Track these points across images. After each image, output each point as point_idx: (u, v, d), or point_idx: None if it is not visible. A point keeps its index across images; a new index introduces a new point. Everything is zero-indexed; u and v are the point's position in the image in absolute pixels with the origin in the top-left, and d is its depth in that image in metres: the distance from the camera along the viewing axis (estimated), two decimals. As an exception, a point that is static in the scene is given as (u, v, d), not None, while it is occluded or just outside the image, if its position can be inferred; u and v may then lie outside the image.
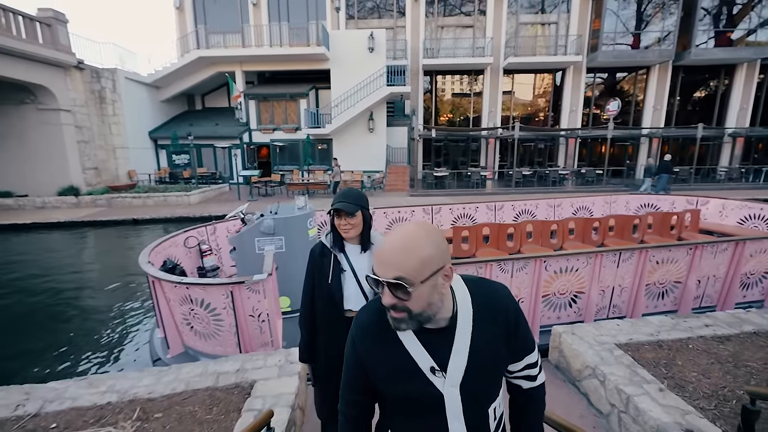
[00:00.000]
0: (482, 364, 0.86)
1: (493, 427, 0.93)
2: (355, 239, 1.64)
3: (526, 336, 0.93)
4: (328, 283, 1.62)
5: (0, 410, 2.09)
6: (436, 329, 0.86)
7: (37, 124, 13.20)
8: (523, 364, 0.95)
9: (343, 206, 1.54)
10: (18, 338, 4.79)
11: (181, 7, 18.11)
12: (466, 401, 0.86)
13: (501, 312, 0.88)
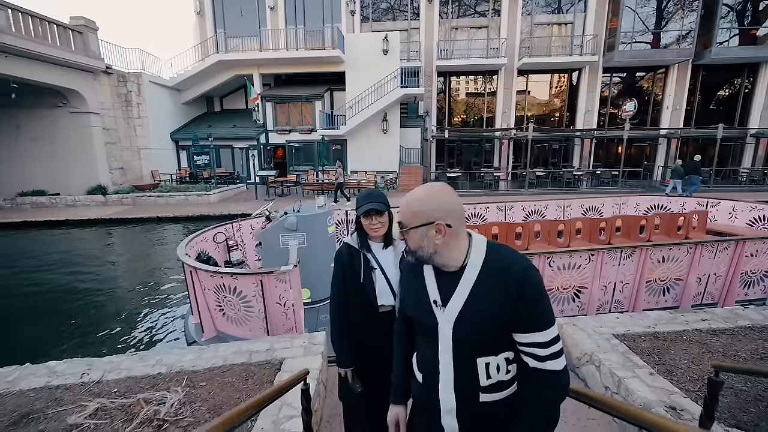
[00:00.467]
0: (477, 312, 1.00)
1: (484, 383, 1.03)
2: (380, 237, 1.71)
3: (534, 311, 0.98)
4: (360, 282, 1.67)
5: (69, 378, 2.44)
6: (448, 272, 1.06)
7: (68, 127, 13.94)
8: (530, 340, 0.99)
9: (376, 206, 1.62)
10: (68, 321, 5.34)
11: (201, 13, 18.74)
12: (457, 340, 1.03)
13: (509, 276, 0.98)
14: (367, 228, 1.67)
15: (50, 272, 7.57)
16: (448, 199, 1.04)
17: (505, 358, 1.04)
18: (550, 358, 0.98)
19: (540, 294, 0.98)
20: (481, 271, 1.02)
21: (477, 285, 1.02)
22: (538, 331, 0.98)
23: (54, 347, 4.61)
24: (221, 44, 17.38)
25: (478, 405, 1.05)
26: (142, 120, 15.87)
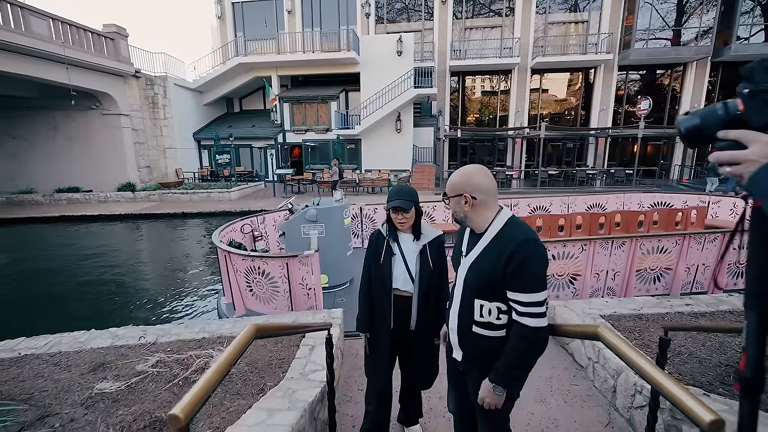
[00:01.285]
0: (478, 266, 1.35)
1: (477, 318, 1.37)
2: (409, 229, 1.89)
3: (517, 275, 1.24)
4: (379, 263, 1.88)
5: (129, 340, 2.92)
6: (477, 234, 1.41)
7: (100, 127, 14.83)
8: (513, 297, 1.27)
9: (400, 203, 1.78)
10: (114, 300, 6.11)
11: (222, 17, 19.49)
12: (466, 281, 1.40)
13: (507, 244, 1.27)
14: (395, 221, 1.85)
15: (93, 260, 8.27)
16: (477, 178, 1.37)
17: (497, 307, 1.33)
18: (525, 315, 1.24)
19: (525, 264, 1.22)
20: (494, 237, 1.33)
21: (488, 246, 1.34)
22: (519, 293, 1.24)
23: (109, 321, 5.27)
24: (241, 47, 18.06)
25: (471, 334, 1.40)
26: (168, 121, 16.68)
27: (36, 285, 7.02)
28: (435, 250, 1.89)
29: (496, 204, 1.38)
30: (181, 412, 0.76)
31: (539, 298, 1.24)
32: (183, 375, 2.35)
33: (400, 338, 1.95)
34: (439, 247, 1.91)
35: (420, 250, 1.87)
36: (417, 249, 1.87)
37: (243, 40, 18.17)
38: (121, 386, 2.23)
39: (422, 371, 2.01)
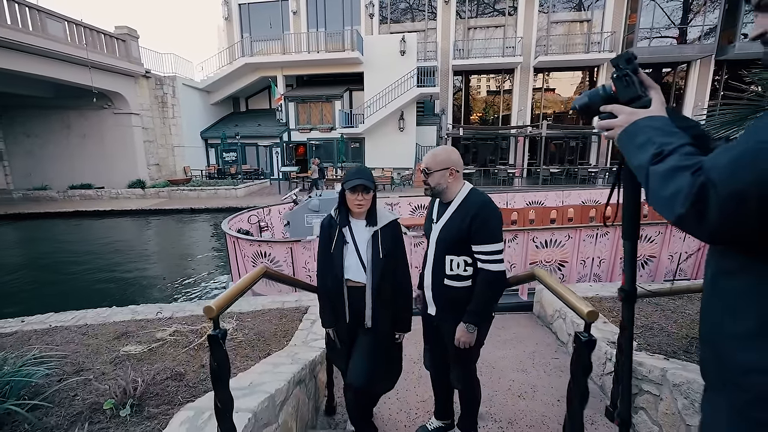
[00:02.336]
0: (449, 227, 1.64)
1: (448, 272, 1.65)
2: (363, 214, 1.76)
3: (481, 230, 1.56)
4: (330, 252, 1.76)
5: (147, 314, 3.20)
6: (444, 203, 1.70)
7: (112, 126, 15.26)
8: (477, 249, 1.59)
9: (365, 182, 1.67)
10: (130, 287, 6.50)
11: (229, 18, 19.87)
12: (437, 243, 1.68)
13: (471, 207, 1.60)
14: (351, 203, 1.71)
15: (108, 251, 8.64)
16: (455, 155, 1.69)
17: (464, 260, 1.64)
18: (488, 263, 1.57)
19: (487, 221, 1.57)
20: (460, 204, 1.65)
21: (455, 211, 1.65)
22: (482, 245, 1.57)
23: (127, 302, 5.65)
24: (247, 48, 18.41)
25: (443, 287, 1.68)
26: (176, 120, 17.08)
27: (57, 273, 7.39)
28: (389, 235, 1.77)
29: (462, 178, 1.73)
30: (214, 305, 1.03)
31: (498, 248, 1.57)
32: (197, 341, 2.62)
33: (357, 334, 1.84)
34: (395, 232, 1.80)
35: (372, 236, 1.75)
36: (368, 235, 1.75)
37: (249, 40, 18.51)
38: (144, 349, 2.51)
39: (381, 372, 1.83)
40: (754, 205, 0.56)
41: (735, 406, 0.68)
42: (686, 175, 0.63)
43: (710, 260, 0.77)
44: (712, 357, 0.75)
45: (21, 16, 10.71)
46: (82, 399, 1.86)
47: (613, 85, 0.88)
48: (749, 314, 0.66)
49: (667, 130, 0.75)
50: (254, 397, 1.47)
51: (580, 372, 1.03)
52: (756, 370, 0.65)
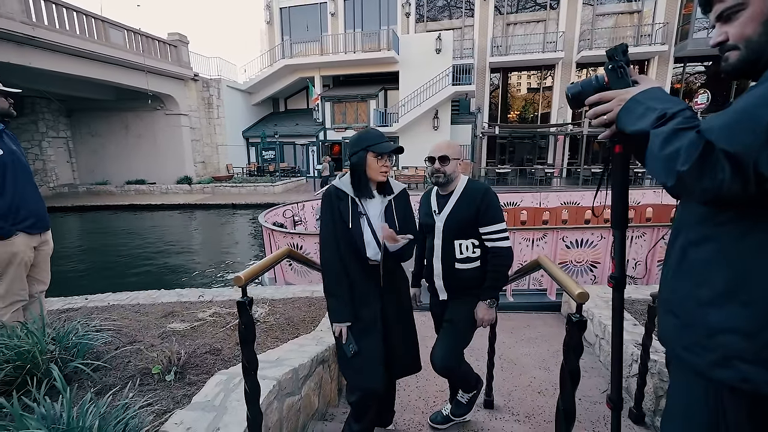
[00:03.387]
0: (456, 214, 1.73)
1: (458, 256, 1.74)
2: (382, 182, 1.62)
3: (489, 212, 1.69)
4: (349, 229, 1.54)
5: (191, 297, 3.50)
6: (444, 194, 1.79)
7: (164, 126, 16.46)
8: (487, 230, 1.71)
9: (399, 146, 1.60)
10: (178, 272, 7.07)
11: (270, 22, 20.69)
12: (444, 231, 1.76)
13: (477, 193, 1.72)
14: (376, 171, 1.54)
15: (159, 240, 9.39)
16: (460, 148, 1.86)
17: (471, 242, 1.74)
18: (498, 240, 1.71)
19: (492, 204, 1.70)
20: (462, 192, 1.76)
21: (459, 199, 1.75)
22: (491, 225, 1.70)
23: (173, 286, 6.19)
24: (287, 50, 19.09)
25: (454, 270, 1.76)
26: (221, 120, 18.09)
27: (114, 258, 8.17)
28: (402, 206, 1.66)
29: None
30: (243, 275, 1.19)
31: (503, 226, 1.72)
32: (234, 322, 2.85)
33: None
34: (406, 202, 1.69)
35: (385, 207, 1.61)
36: (381, 207, 1.60)
37: (289, 42, 19.18)
38: (187, 327, 2.76)
39: (404, 349, 1.69)
40: (752, 166, 0.61)
41: (697, 369, 0.75)
42: (690, 134, 0.66)
43: (678, 235, 0.83)
44: (678, 325, 0.80)
45: (88, 26, 11.85)
46: (134, 364, 2.11)
47: (606, 75, 0.91)
48: (717, 279, 0.72)
49: (666, 97, 0.78)
50: (280, 369, 1.62)
51: (572, 352, 1.06)
52: (722, 330, 0.71)
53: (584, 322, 1.04)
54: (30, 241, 2.13)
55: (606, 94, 0.88)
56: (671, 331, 0.83)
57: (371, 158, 1.53)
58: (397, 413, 2.20)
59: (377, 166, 1.54)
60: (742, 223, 0.70)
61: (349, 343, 1.56)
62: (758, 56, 0.75)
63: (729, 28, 0.78)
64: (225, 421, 1.31)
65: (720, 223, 0.73)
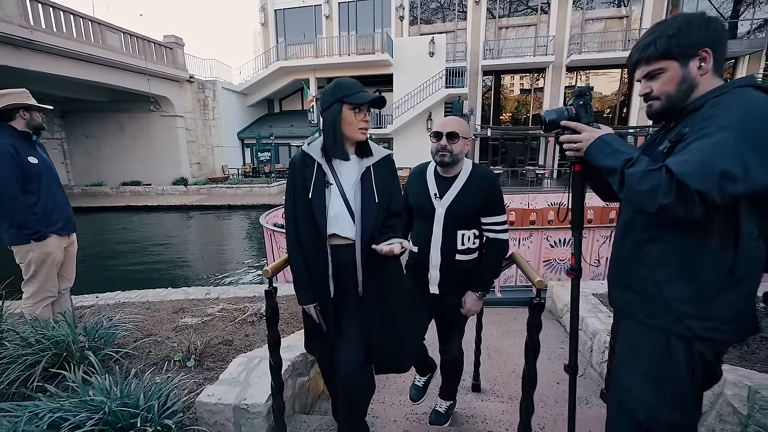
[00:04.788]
0: (461, 202, 1.60)
1: (460, 247, 1.64)
2: (351, 146, 1.41)
3: (496, 203, 1.62)
4: (308, 198, 1.33)
5: (198, 295, 3.70)
6: (446, 177, 1.64)
7: (159, 128, 16.52)
8: (491, 221, 1.63)
9: (375, 96, 1.36)
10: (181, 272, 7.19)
11: (265, 24, 20.82)
12: (446, 219, 1.62)
13: (485, 181, 1.61)
14: (354, 126, 1.34)
15: (158, 242, 9.53)
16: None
17: (473, 233, 1.66)
18: (501, 232, 1.65)
19: (499, 194, 1.65)
20: (468, 177, 1.64)
21: (466, 183, 1.63)
22: (496, 216, 1.64)
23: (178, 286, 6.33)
24: (282, 52, 19.23)
25: (454, 262, 1.66)
26: (216, 121, 18.19)
27: (114, 259, 8.29)
28: (384, 174, 1.44)
29: None
30: (270, 269, 1.42)
31: (505, 218, 1.69)
32: (241, 317, 3.07)
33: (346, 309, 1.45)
34: (391, 171, 1.49)
35: (363, 174, 1.38)
36: (358, 173, 1.38)
37: (284, 45, 19.33)
38: (198, 321, 2.98)
39: (385, 351, 1.47)
40: (711, 200, 0.86)
41: (662, 327, 1.04)
42: (661, 174, 0.90)
43: (628, 233, 1.13)
44: (639, 299, 1.09)
45: (85, 29, 11.92)
46: (155, 353, 2.32)
47: (575, 109, 1.15)
48: (669, 266, 1.02)
49: (625, 143, 1.05)
50: (292, 353, 1.86)
51: (534, 329, 1.31)
52: (674, 300, 1.02)
53: (542, 304, 1.29)
54: (61, 242, 2.33)
55: (579, 126, 1.13)
56: (633, 303, 1.11)
57: (348, 111, 1.32)
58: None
59: (355, 120, 1.33)
60: (683, 227, 0.98)
61: (320, 321, 1.43)
62: (674, 106, 1.05)
63: (653, 84, 1.06)
64: (249, 393, 1.55)
65: (668, 227, 1.01)
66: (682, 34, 1.00)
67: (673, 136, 1.02)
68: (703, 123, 0.94)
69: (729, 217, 0.95)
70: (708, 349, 1.02)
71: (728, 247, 0.97)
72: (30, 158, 2.16)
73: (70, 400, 1.27)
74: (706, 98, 1.00)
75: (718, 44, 1.00)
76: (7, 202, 2.07)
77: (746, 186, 0.86)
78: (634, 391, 1.09)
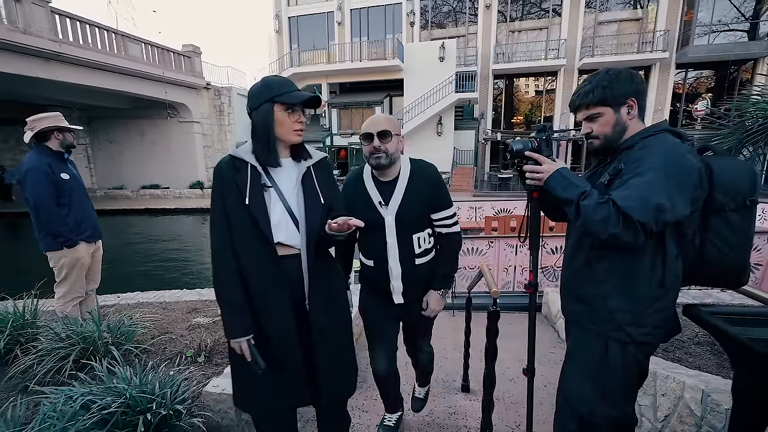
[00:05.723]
0: (410, 205, 1.50)
1: (417, 251, 1.56)
2: (286, 149, 1.30)
3: (443, 196, 1.56)
4: (244, 204, 1.18)
5: (211, 296, 3.96)
6: (386, 181, 1.52)
7: (177, 134, 17.15)
8: (442, 215, 1.57)
9: (310, 96, 1.24)
10: (195, 274, 7.32)
11: (279, 31, 21.33)
12: (398, 225, 1.52)
13: (427, 176, 1.54)
14: (288, 128, 1.23)
15: (174, 243, 9.95)
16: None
17: (427, 233, 1.59)
18: (453, 225, 1.61)
19: (444, 186, 1.59)
20: (410, 176, 1.54)
21: (409, 184, 1.53)
22: (445, 210, 1.58)
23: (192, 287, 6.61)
24: (295, 59, 19.67)
25: (414, 267, 1.58)
26: (231, 126, 18.74)
27: (134, 260, 8.72)
28: (324, 176, 1.34)
29: None
30: None
31: (455, 209, 1.63)
32: (249, 318, 3.31)
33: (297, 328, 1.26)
34: (329, 174, 1.38)
35: (303, 176, 1.28)
36: (297, 175, 1.27)
37: (297, 51, 19.77)
38: (210, 321, 3.22)
39: (332, 376, 1.31)
40: (653, 223, 1.03)
41: (603, 333, 1.21)
42: (608, 207, 1.06)
43: (577, 251, 1.29)
44: (588, 310, 1.25)
45: (108, 41, 12.55)
46: (170, 349, 2.57)
47: (537, 142, 1.30)
48: (612, 281, 1.19)
49: (577, 177, 1.22)
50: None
51: (492, 334, 1.47)
52: (617, 310, 1.18)
53: (497, 312, 1.46)
54: (89, 248, 2.61)
55: (540, 158, 1.27)
56: (582, 313, 1.27)
57: (280, 112, 1.21)
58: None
59: (289, 121, 1.22)
60: (625, 249, 1.14)
61: (257, 359, 1.19)
62: (610, 144, 1.25)
63: (593, 125, 1.26)
64: (249, 386, 1.76)
65: (611, 248, 1.16)
66: (614, 86, 1.19)
67: (611, 170, 1.21)
68: (635, 163, 1.13)
69: (658, 241, 1.14)
70: (641, 351, 1.19)
71: (658, 263, 1.15)
72: (62, 174, 2.45)
73: (98, 387, 1.50)
74: (635, 139, 1.20)
75: (641, 94, 1.21)
76: (44, 214, 2.35)
77: (673, 216, 1.04)
78: (577, 388, 1.26)
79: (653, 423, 1.95)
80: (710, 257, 1.17)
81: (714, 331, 1.21)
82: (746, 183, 1.12)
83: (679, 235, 1.16)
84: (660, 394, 1.91)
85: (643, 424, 2.04)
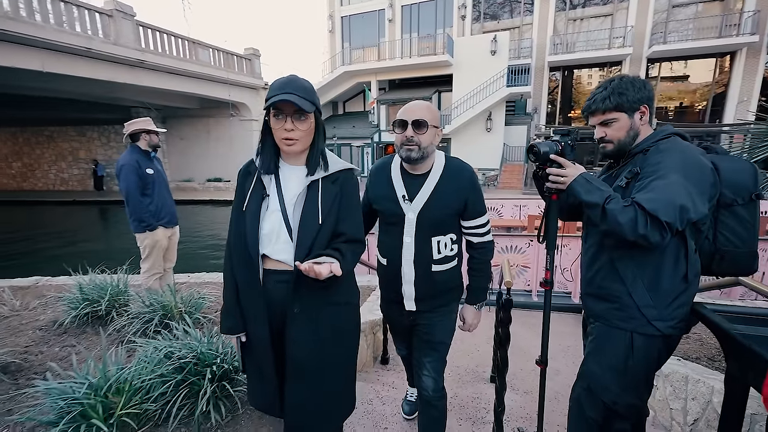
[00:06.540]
0: (437, 204, 1.37)
1: (436, 257, 1.42)
2: (300, 156, 1.18)
3: (478, 202, 1.42)
4: (242, 210, 1.15)
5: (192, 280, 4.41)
6: (415, 175, 1.39)
7: (239, 131, 18.55)
8: (474, 224, 1.44)
9: (292, 98, 1.04)
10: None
11: (332, 31, 22.05)
12: (419, 225, 1.40)
13: (463, 178, 1.41)
14: (278, 134, 1.11)
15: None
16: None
17: (450, 238, 1.43)
18: (486, 234, 1.49)
19: (480, 192, 1.45)
20: (442, 174, 1.41)
21: (440, 181, 1.40)
22: (479, 217, 1.45)
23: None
24: (347, 57, 20.25)
25: (430, 273, 1.43)
26: (286, 124, 19.79)
27: (201, 245, 9.74)
28: (333, 192, 1.18)
29: None
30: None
31: (488, 217, 1.50)
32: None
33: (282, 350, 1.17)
34: (347, 188, 1.21)
35: (307, 187, 1.16)
36: (304, 184, 1.16)
37: (349, 49, 20.32)
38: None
39: (300, 411, 1.18)
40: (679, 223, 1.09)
41: (629, 329, 1.27)
42: (633, 209, 1.13)
43: (599, 253, 1.34)
44: (613, 307, 1.30)
45: (183, 48, 13.93)
46: (229, 322, 2.97)
47: (561, 145, 1.34)
48: (637, 279, 1.25)
49: (599, 181, 1.27)
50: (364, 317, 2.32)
51: (504, 322, 1.58)
52: (644, 306, 1.23)
53: (510, 300, 1.56)
54: (166, 232, 3.10)
55: (565, 162, 1.31)
56: (606, 310, 1.32)
57: (272, 118, 1.11)
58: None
59: (276, 128, 1.10)
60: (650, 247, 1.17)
61: (239, 358, 1.25)
62: (623, 148, 1.32)
63: (607, 130, 1.32)
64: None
65: (632, 246, 1.19)
66: (629, 93, 1.26)
67: (627, 173, 1.27)
68: (654, 166, 1.19)
69: (680, 238, 1.20)
70: (665, 344, 1.26)
71: (681, 259, 1.22)
72: (148, 170, 2.93)
73: (177, 342, 1.86)
74: (648, 143, 1.26)
75: (652, 101, 1.28)
76: (132, 202, 2.85)
77: (696, 214, 1.11)
78: (602, 380, 1.33)
79: (683, 427, 1.93)
80: (724, 249, 1.24)
81: (714, 327, 1.24)
82: (749, 179, 1.18)
83: (696, 230, 1.23)
84: (690, 398, 1.89)
85: (673, 428, 2.03)
